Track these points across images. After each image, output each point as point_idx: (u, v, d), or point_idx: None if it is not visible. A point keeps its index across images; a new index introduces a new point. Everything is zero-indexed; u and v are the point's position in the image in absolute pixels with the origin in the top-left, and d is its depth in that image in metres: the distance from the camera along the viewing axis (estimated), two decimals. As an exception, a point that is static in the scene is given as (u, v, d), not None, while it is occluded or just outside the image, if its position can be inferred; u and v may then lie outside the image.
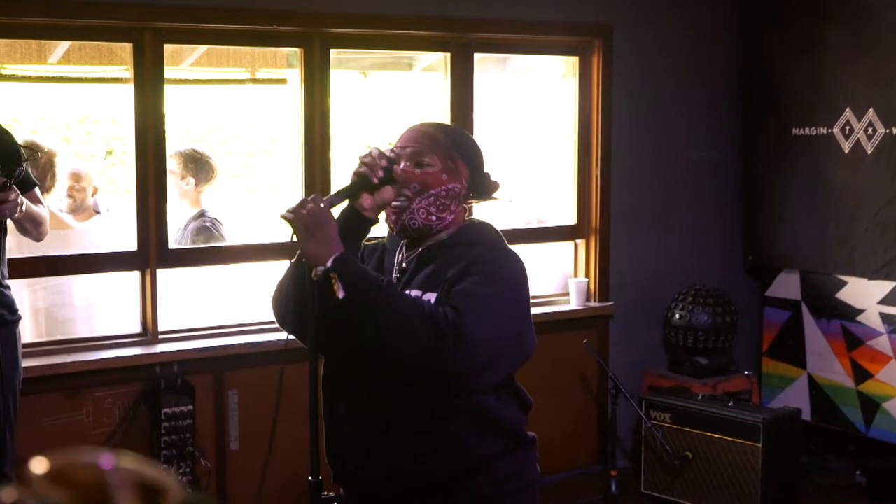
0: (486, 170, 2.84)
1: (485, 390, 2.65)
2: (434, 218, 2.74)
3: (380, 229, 2.84)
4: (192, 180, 5.62)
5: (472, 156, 2.81)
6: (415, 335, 2.48)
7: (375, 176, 2.67)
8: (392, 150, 2.73)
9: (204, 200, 5.70)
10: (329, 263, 2.54)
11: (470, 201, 2.84)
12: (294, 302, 2.68)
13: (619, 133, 6.22)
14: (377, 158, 2.67)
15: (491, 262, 2.66)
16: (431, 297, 2.64)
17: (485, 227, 2.83)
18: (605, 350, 6.23)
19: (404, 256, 2.81)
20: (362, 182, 2.68)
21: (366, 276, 2.56)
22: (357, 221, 2.71)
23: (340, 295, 2.53)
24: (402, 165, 2.72)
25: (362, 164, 2.68)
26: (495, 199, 2.86)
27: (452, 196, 2.76)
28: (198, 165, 5.65)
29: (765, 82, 6.45)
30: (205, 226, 5.59)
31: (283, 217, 2.60)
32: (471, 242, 2.74)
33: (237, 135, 8.07)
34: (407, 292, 2.67)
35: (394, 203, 2.71)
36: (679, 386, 6.04)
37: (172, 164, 5.50)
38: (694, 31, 6.48)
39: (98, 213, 5.64)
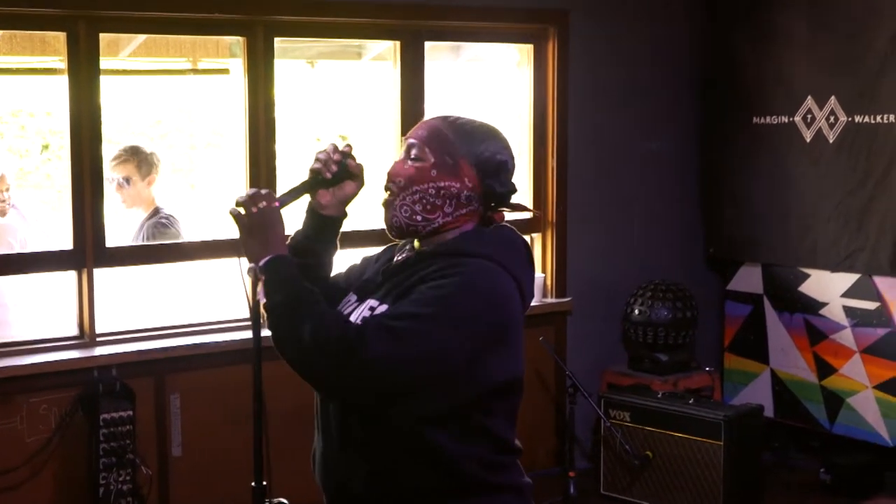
0: (504, 173, 2.65)
1: (426, 420, 2.47)
2: (419, 218, 2.59)
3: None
4: (136, 178, 5.57)
5: (483, 157, 2.61)
6: (301, 349, 2.42)
7: (329, 171, 2.62)
8: (347, 145, 2.66)
9: (157, 199, 5.65)
10: (261, 264, 2.51)
11: (489, 209, 2.65)
12: None
13: (576, 123, 6.19)
14: (330, 154, 2.63)
15: (442, 278, 2.47)
16: (383, 308, 2.54)
17: (481, 237, 2.61)
18: (562, 347, 6.20)
19: (398, 259, 2.70)
20: (314, 178, 2.63)
21: (287, 283, 2.49)
22: (319, 220, 2.67)
23: (261, 299, 2.49)
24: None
25: (316, 159, 2.64)
26: (514, 207, 2.70)
27: (446, 196, 2.58)
28: (139, 161, 5.59)
29: (725, 71, 6.45)
30: (160, 222, 5.54)
31: (231, 213, 2.56)
32: (444, 253, 2.57)
33: (179, 127, 8.00)
34: (367, 301, 2.59)
35: (383, 198, 2.62)
36: (639, 384, 6.03)
37: (117, 169, 5.52)
38: (653, 19, 6.47)
39: (14, 207, 5.57)
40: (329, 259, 2.76)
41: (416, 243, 2.67)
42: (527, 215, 6.08)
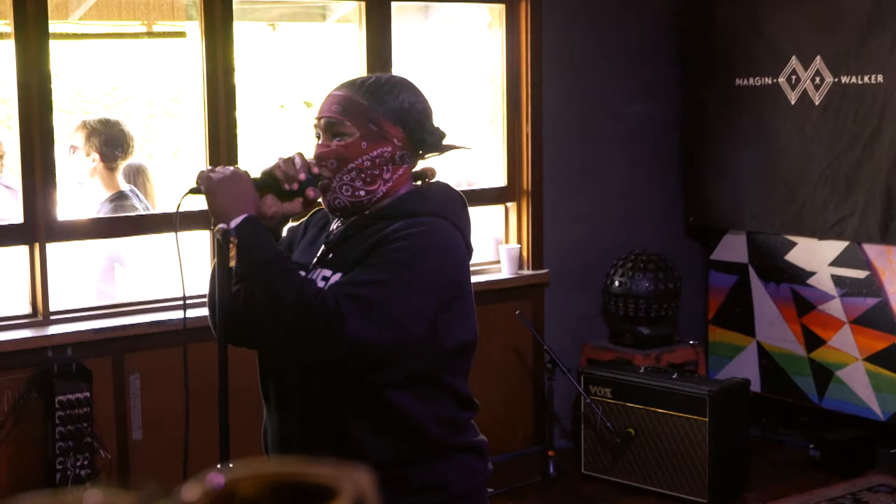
0: (428, 120, 2.70)
1: (392, 385, 2.54)
2: (362, 193, 2.63)
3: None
4: (96, 156, 5.32)
5: (404, 111, 2.65)
6: (281, 317, 2.43)
7: (289, 184, 2.60)
8: (316, 166, 2.63)
9: (122, 181, 5.44)
10: (232, 224, 2.51)
11: (421, 158, 2.72)
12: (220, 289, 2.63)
13: (551, 87, 6.17)
14: (298, 168, 2.60)
15: (402, 239, 2.52)
16: (337, 277, 2.57)
17: (424, 195, 2.68)
18: (539, 321, 6.20)
19: (336, 227, 2.73)
20: (271, 181, 2.61)
21: (260, 247, 2.50)
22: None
23: (232, 263, 2.48)
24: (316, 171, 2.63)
25: (278, 166, 2.61)
26: (447, 149, 2.74)
27: (382, 163, 2.63)
28: (105, 139, 5.33)
29: (705, 30, 6.43)
30: (121, 206, 5.37)
31: (197, 178, 2.58)
32: (393, 215, 2.61)
33: (135, 94, 7.94)
34: (319, 271, 2.62)
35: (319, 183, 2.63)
36: (620, 358, 6.04)
37: (78, 139, 5.31)
38: (629, -24, 6.43)
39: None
40: None
41: None
42: (498, 183, 6.06)
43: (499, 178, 6.18)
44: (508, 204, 6.20)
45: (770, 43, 6.11)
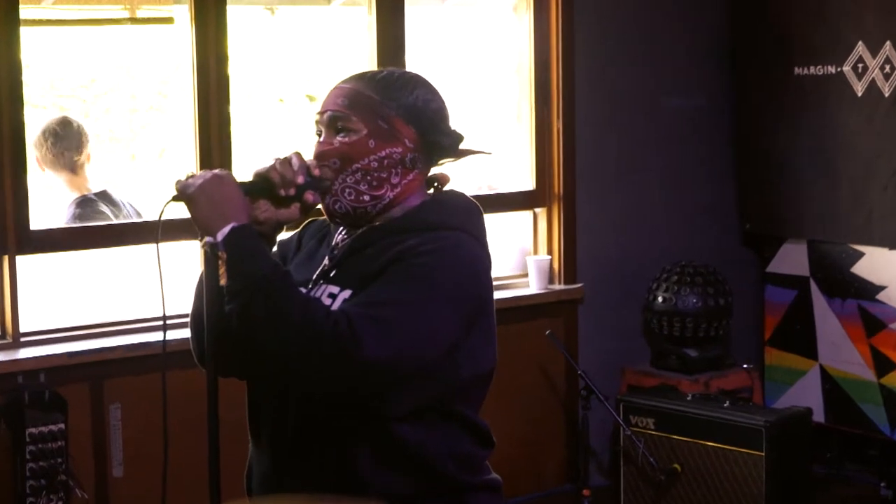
0: (444, 122, 2.73)
1: (401, 415, 2.56)
2: (367, 198, 2.65)
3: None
4: (49, 157, 5.53)
5: (418, 109, 2.69)
6: (286, 341, 2.42)
7: (285, 189, 2.60)
8: (317, 167, 2.65)
9: (91, 180, 5.60)
10: (219, 236, 2.50)
11: (435, 164, 2.76)
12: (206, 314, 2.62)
13: (585, 78, 6.19)
14: (296, 170, 2.61)
15: (423, 255, 2.54)
16: (346, 294, 2.59)
17: (443, 206, 2.71)
18: (572, 343, 6.21)
19: (341, 238, 2.75)
20: (265, 185, 2.62)
21: (255, 260, 2.49)
22: None
23: (223, 281, 2.48)
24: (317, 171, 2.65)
25: (274, 168, 2.62)
26: (464, 155, 2.77)
27: (390, 165, 2.65)
28: (55, 139, 5.53)
29: (760, 13, 6.44)
30: (86, 211, 5.50)
31: (177, 184, 2.57)
32: (411, 228, 2.63)
33: (117, 87, 7.97)
34: (324, 287, 2.64)
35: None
36: (664, 384, 6.04)
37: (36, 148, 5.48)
38: (674, -47, 6.47)
39: None
40: None
41: None
42: (525, 187, 6.08)
43: (526, 181, 6.18)
44: (537, 210, 6.21)
45: (833, 27, 6.11)
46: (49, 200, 5.53)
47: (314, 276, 2.70)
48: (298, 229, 2.90)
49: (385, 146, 2.64)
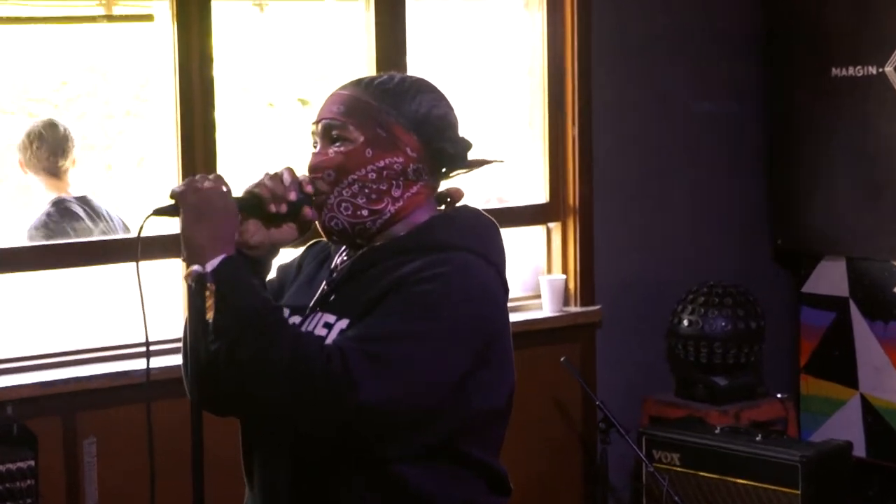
0: (450, 129, 2.72)
1: (406, 459, 2.54)
2: (365, 212, 2.63)
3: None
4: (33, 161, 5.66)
5: (421, 115, 2.67)
6: (274, 382, 2.40)
7: (276, 205, 2.57)
8: (309, 182, 2.62)
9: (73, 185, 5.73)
10: (208, 267, 2.47)
11: (445, 177, 2.74)
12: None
13: (603, 81, 6.19)
14: (288, 185, 2.58)
15: (427, 281, 2.52)
16: (343, 324, 2.57)
17: (453, 222, 2.68)
18: (590, 370, 6.20)
19: (341, 260, 2.73)
20: (252, 203, 2.58)
21: (244, 295, 2.47)
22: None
23: (210, 315, 2.46)
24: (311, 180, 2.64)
25: (263, 183, 2.59)
26: (475, 165, 2.76)
27: (390, 177, 2.63)
28: (40, 142, 5.67)
29: (794, 10, 6.45)
30: (59, 211, 5.58)
31: (172, 194, 2.54)
32: (414, 248, 2.60)
33: (91, 91, 7.99)
34: (319, 315, 2.62)
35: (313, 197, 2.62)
36: (691, 416, 6.03)
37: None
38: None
39: None
40: None
41: None
42: (538, 199, 6.04)
43: (539, 194, 6.17)
44: (551, 225, 6.20)
45: (874, 23, 6.13)
46: (30, 205, 5.67)
47: (311, 303, 2.68)
48: (301, 250, 2.88)
49: (384, 156, 2.62)
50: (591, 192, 6.18)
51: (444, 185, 2.78)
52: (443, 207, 2.76)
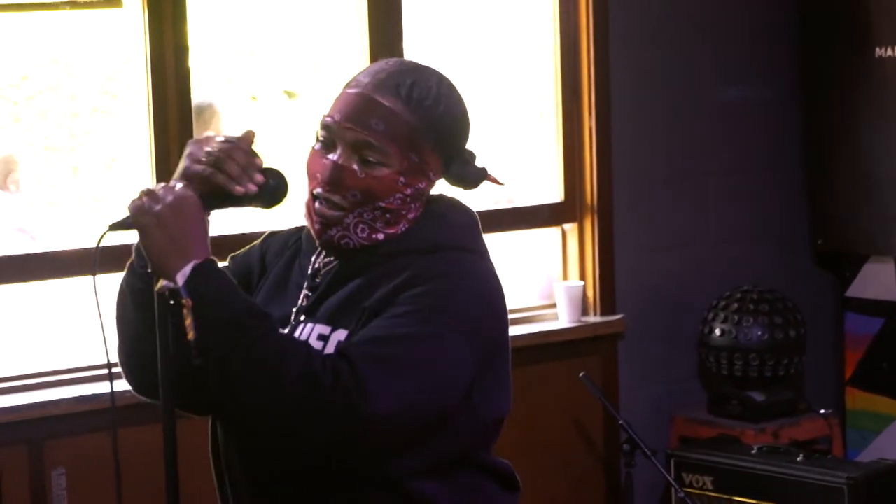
0: (465, 140, 2.76)
1: (418, 471, 2.57)
2: (381, 235, 2.66)
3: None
4: None
5: (445, 128, 2.69)
6: (277, 399, 2.42)
7: (243, 186, 2.57)
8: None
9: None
10: (180, 279, 2.47)
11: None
12: (131, 337, 2.65)
13: (622, 67, 6.20)
14: (244, 161, 2.57)
15: (430, 281, 2.56)
16: (342, 335, 2.59)
17: (444, 220, 2.72)
18: (612, 387, 6.20)
19: (322, 263, 2.74)
20: (214, 190, 2.58)
21: (226, 305, 2.47)
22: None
23: (191, 334, 2.45)
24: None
25: (210, 154, 2.57)
26: (476, 185, 2.82)
27: (412, 200, 2.67)
28: None
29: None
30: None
31: (128, 206, 2.55)
32: (410, 249, 2.64)
33: (54, 86, 7.99)
34: (311, 327, 2.64)
35: (317, 206, 2.63)
36: (724, 435, 6.04)
37: None
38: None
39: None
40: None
41: None
42: (552, 198, 6.06)
43: (552, 192, 6.18)
44: (567, 226, 6.19)
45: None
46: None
47: (293, 311, 2.69)
48: (258, 241, 2.88)
49: (413, 182, 2.66)
50: (611, 189, 6.18)
51: None
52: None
